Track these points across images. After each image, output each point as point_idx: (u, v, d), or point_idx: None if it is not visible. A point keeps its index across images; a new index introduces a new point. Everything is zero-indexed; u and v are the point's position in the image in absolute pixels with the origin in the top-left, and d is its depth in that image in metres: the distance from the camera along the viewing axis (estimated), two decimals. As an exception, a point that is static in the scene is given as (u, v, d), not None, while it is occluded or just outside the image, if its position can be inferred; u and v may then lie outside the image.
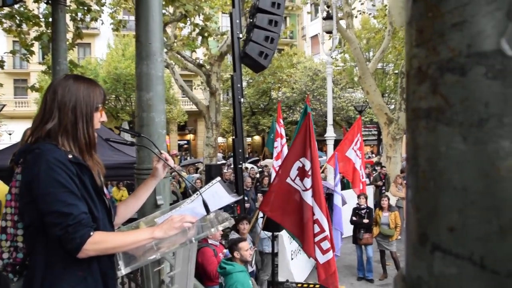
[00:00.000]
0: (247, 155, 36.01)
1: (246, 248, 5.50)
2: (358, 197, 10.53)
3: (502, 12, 0.59)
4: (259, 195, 11.38)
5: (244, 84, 35.24)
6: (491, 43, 0.60)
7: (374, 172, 16.28)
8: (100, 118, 2.23)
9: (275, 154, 11.75)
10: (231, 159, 13.60)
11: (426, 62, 0.67)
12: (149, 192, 2.58)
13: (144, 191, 2.56)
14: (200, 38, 13.18)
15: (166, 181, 4.19)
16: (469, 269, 0.62)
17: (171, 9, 14.67)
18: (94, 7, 11.52)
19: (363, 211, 10.12)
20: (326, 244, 5.92)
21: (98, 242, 1.94)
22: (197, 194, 2.43)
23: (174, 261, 3.02)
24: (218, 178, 2.69)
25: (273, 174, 9.87)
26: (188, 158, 35.31)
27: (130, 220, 2.78)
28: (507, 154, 0.59)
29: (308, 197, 6.07)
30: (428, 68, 0.67)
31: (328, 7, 14.90)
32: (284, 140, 11.32)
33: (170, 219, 2.17)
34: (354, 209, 10.32)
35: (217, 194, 2.54)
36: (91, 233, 1.93)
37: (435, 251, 0.67)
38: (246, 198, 11.38)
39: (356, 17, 18.97)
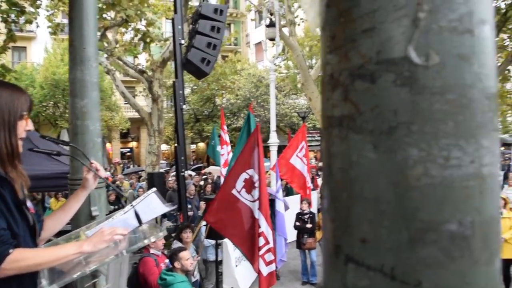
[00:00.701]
0: (191, 162, 35.67)
1: (187, 258, 5.38)
2: (301, 202, 10.65)
3: (409, 19, 0.59)
4: (202, 202, 11.26)
5: (188, 90, 34.94)
6: (399, 50, 0.59)
7: (317, 177, 16.54)
8: (25, 126, 2.09)
9: (222, 162, 11.66)
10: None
11: (338, 69, 0.66)
12: (80, 204, 2.46)
13: (74, 202, 2.44)
14: (142, 43, 12.93)
15: (102, 191, 4.04)
16: (380, 280, 0.61)
17: (112, 13, 14.33)
18: (29, 8, 11.01)
19: (306, 216, 10.24)
20: (270, 256, 5.91)
21: (18, 260, 1.81)
22: (131, 205, 2.35)
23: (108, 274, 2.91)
24: (154, 189, 2.63)
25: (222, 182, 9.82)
26: (131, 166, 34.50)
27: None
28: (416, 162, 0.58)
29: (255, 209, 6.05)
30: (340, 75, 0.66)
31: (271, 14, 15.05)
32: (230, 147, 11.29)
33: (100, 232, 2.07)
34: (298, 214, 10.42)
35: (152, 205, 2.47)
36: (10, 251, 1.80)
37: (348, 263, 0.65)
38: (189, 206, 11.24)
39: (299, 25, 19.28)
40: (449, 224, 0.59)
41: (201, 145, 42.91)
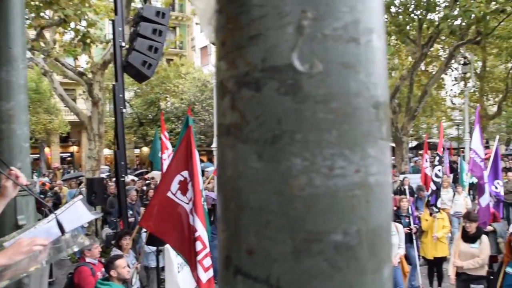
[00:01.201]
0: (135, 167, 34.89)
1: (124, 265, 5.21)
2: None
3: (293, 26, 0.57)
4: (142, 208, 11.01)
5: (131, 94, 34.21)
6: (284, 58, 0.58)
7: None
8: None
9: (165, 167, 11.44)
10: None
11: (226, 76, 0.64)
12: None
13: None
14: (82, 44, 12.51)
15: (30, 199, 3.84)
16: (266, 292, 0.60)
17: (50, 12, 13.77)
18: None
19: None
20: (208, 261, 5.80)
21: None
22: (54, 214, 2.24)
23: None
24: (80, 196, 2.53)
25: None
26: (72, 171, 33.29)
27: None
28: (299, 172, 0.57)
29: (190, 211, 5.95)
30: (228, 82, 0.64)
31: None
32: (170, 151, 11.12)
33: (17, 243, 1.96)
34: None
35: (77, 213, 2.37)
36: None
37: (237, 274, 0.63)
38: (131, 212, 10.95)
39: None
40: (334, 234, 0.58)
41: (145, 149, 42.06)
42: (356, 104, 0.59)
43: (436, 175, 10.90)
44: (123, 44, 9.09)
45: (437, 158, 11.03)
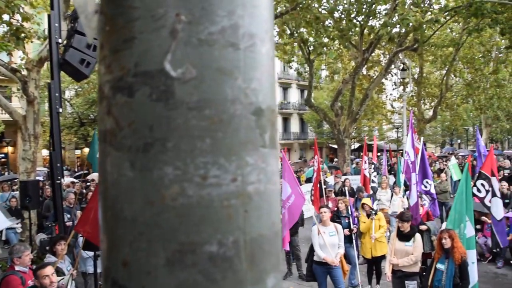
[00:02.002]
0: (76, 169, 33.74)
1: (45, 274, 4.88)
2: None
3: (167, 30, 0.55)
4: (79, 212, 10.64)
5: (72, 93, 33.08)
6: (156, 63, 0.56)
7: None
8: None
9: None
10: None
11: (103, 80, 0.61)
12: None
13: None
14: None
15: None
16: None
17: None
18: None
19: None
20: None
21: None
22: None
23: None
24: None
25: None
26: (6, 173, 31.71)
27: None
28: (171, 181, 0.55)
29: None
30: (105, 87, 0.61)
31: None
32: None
33: None
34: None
35: (-7, 218, 2.24)
36: None
37: (114, 287, 0.60)
38: (68, 215, 10.56)
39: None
40: (208, 245, 0.56)
41: (86, 150, 40.75)
42: (232, 111, 0.57)
43: (372, 181, 11.28)
44: (60, 40, 8.75)
45: (372, 166, 11.37)
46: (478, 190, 8.13)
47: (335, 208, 9.31)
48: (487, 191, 8.55)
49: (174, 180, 0.55)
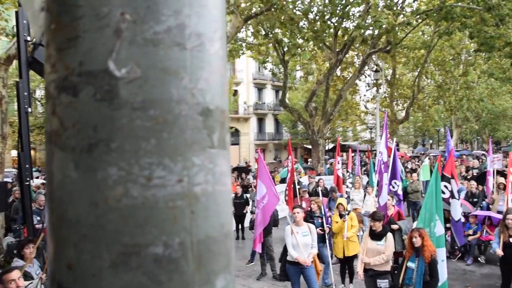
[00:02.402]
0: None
1: (11, 279, 4.73)
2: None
3: (111, 29, 0.54)
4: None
5: (43, 92, 32.39)
6: (100, 62, 0.55)
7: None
8: None
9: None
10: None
11: (49, 80, 0.60)
12: None
13: None
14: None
15: None
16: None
17: None
18: None
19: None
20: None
21: None
22: None
23: None
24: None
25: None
26: (-25, 174, 30.78)
27: None
28: (115, 182, 0.54)
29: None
30: (50, 87, 0.59)
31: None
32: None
33: None
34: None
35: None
36: None
37: (58, 291, 0.59)
38: (38, 218, 10.33)
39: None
40: (153, 247, 0.56)
41: (59, 151, 40.00)
42: (178, 111, 0.57)
43: (347, 186, 11.41)
44: (29, 38, 8.56)
45: (348, 174, 11.49)
46: (442, 192, 8.32)
47: (309, 208, 9.36)
48: (451, 192, 8.79)
49: (118, 181, 0.54)
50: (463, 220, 9.69)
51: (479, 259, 10.35)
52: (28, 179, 8.27)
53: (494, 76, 23.38)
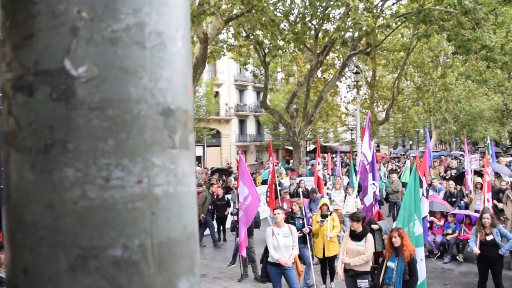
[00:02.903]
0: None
1: None
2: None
3: (67, 27, 0.53)
4: None
5: None
6: (56, 61, 0.53)
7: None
8: None
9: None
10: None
11: (4, 79, 0.58)
12: None
13: None
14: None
15: None
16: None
17: None
18: None
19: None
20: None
21: None
22: None
23: None
24: None
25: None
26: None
27: None
28: (72, 184, 0.53)
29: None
30: (6, 86, 0.58)
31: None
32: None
33: None
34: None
35: None
36: None
37: (12, 296, 0.58)
38: None
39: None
40: (112, 249, 0.55)
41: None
42: (137, 111, 0.56)
43: (328, 188, 11.48)
44: None
45: (328, 175, 11.52)
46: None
47: (290, 210, 9.38)
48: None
49: (75, 183, 0.53)
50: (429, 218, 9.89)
51: (457, 257, 10.51)
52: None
53: (471, 78, 23.76)
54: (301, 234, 8.48)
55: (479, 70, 23.03)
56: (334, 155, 23.10)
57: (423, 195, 8.97)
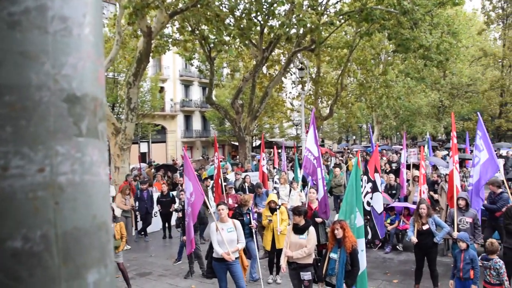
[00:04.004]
0: None
1: None
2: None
3: (-42, 8, 0.50)
4: None
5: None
6: None
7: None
8: None
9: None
10: None
11: None
12: None
13: None
14: None
15: None
16: None
17: None
18: None
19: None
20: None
21: None
22: None
23: None
24: None
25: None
26: None
27: None
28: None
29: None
30: None
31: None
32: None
33: None
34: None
35: None
36: None
37: None
38: None
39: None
40: (11, 241, 0.52)
41: None
42: (38, 97, 0.54)
43: (275, 182, 11.59)
44: None
45: (275, 170, 11.58)
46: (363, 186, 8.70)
47: (235, 205, 9.40)
48: (374, 185, 9.25)
49: None
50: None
51: (397, 247, 10.95)
52: None
53: (410, 75, 24.70)
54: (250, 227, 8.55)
55: (417, 68, 23.98)
56: (280, 150, 23.37)
57: (377, 190, 9.26)
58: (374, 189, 9.24)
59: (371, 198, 9.15)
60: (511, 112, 37.55)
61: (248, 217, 8.87)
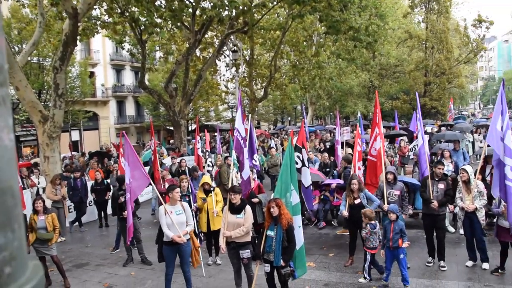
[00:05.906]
0: None
1: None
2: None
3: None
4: None
5: None
6: None
7: (32, 175, 15.02)
8: None
9: None
10: None
11: None
12: None
13: None
14: None
15: None
16: None
17: None
18: None
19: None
20: None
21: None
22: None
23: None
24: None
25: None
26: None
27: None
28: None
29: None
30: None
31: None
32: None
33: None
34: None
35: None
36: None
37: None
38: None
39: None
40: None
41: None
42: None
43: (209, 165, 11.57)
44: None
45: (207, 153, 11.52)
46: (296, 162, 8.91)
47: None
48: (302, 161, 9.52)
49: None
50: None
51: (332, 222, 11.36)
52: None
53: (341, 57, 25.35)
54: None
55: (348, 49, 24.62)
56: (215, 134, 23.33)
57: (304, 165, 9.52)
58: (302, 164, 9.51)
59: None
60: (434, 91, 39.58)
61: (188, 199, 8.86)
